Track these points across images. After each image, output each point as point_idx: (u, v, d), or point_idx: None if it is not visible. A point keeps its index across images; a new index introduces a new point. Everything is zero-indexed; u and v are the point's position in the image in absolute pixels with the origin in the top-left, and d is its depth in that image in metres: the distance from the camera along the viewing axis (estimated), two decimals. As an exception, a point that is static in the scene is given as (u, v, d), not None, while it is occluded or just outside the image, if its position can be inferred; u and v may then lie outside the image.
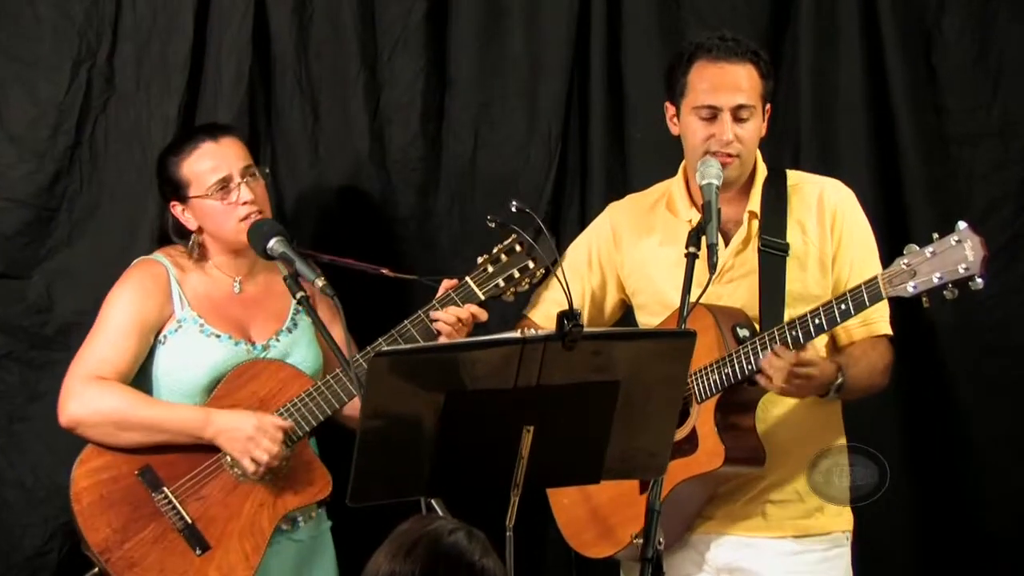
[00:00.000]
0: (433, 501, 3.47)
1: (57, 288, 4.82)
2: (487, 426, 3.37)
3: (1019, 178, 4.95)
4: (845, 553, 4.26)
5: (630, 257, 4.35)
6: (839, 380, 4.04)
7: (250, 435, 4.23)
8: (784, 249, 4.18)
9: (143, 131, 4.87)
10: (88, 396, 4.26)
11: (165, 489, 4.25)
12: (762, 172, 4.28)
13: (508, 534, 3.40)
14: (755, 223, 4.22)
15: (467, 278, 4.38)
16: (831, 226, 4.21)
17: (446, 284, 4.39)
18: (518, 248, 4.38)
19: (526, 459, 3.38)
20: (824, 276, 4.20)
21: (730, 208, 4.23)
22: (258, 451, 4.23)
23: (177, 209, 4.40)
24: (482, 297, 4.37)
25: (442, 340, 4.32)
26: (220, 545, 4.26)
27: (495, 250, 4.39)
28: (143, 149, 4.85)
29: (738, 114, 4.15)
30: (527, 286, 4.42)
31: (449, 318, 4.32)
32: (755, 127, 4.18)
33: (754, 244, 4.20)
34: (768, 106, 4.24)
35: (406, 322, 4.35)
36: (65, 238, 4.83)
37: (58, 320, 4.81)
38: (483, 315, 4.37)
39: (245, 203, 4.32)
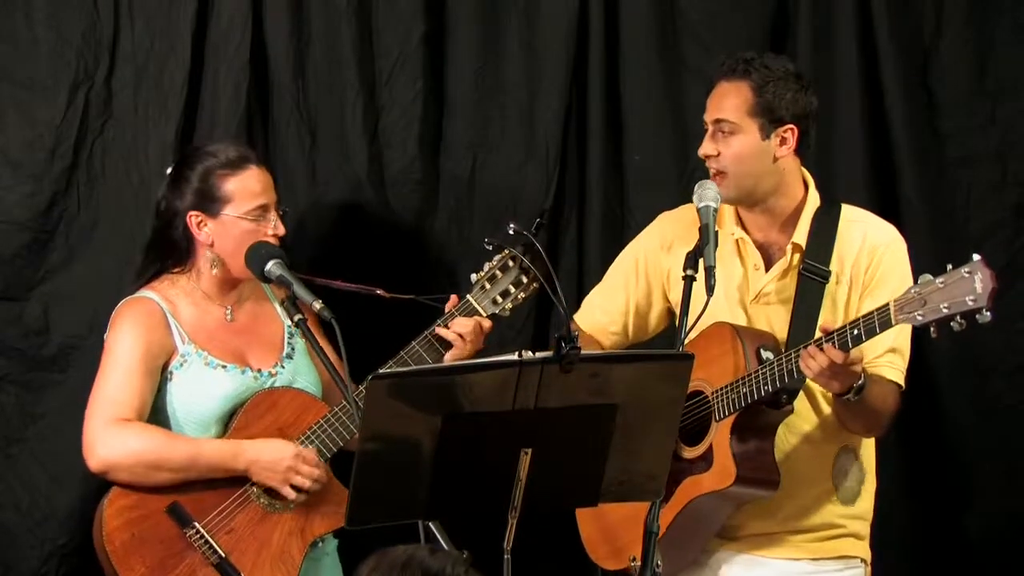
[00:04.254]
0: (431, 524, 3.46)
1: (54, 310, 4.81)
2: (485, 449, 3.36)
3: (1017, 200, 4.95)
4: (860, 575, 4.25)
5: (677, 266, 4.30)
6: (861, 381, 3.98)
7: (290, 464, 4.25)
8: (825, 276, 4.15)
9: (140, 154, 4.87)
10: (117, 440, 4.24)
11: (196, 524, 4.23)
12: (813, 202, 4.24)
13: (506, 557, 3.40)
14: (797, 256, 4.19)
15: (468, 296, 4.39)
16: (867, 266, 4.17)
17: (452, 302, 4.41)
18: (511, 263, 4.39)
19: (524, 482, 3.36)
20: (852, 315, 4.14)
21: (776, 234, 4.23)
22: (299, 478, 4.26)
23: (194, 219, 4.37)
24: (483, 314, 4.39)
25: (452, 352, 4.35)
26: None
27: (488, 267, 4.41)
28: (140, 172, 4.86)
29: (719, 128, 4.15)
30: (522, 300, 4.44)
31: (461, 329, 4.34)
32: (740, 144, 4.14)
33: (794, 274, 4.18)
34: (790, 127, 4.16)
35: (414, 343, 4.37)
36: (62, 260, 4.83)
37: (55, 343, 4.81)
38: (487, 323, 4.39)
39: (276, 236, 4.33)
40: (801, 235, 4.20)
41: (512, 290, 4.40)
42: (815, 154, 4.94)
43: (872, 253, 4.18)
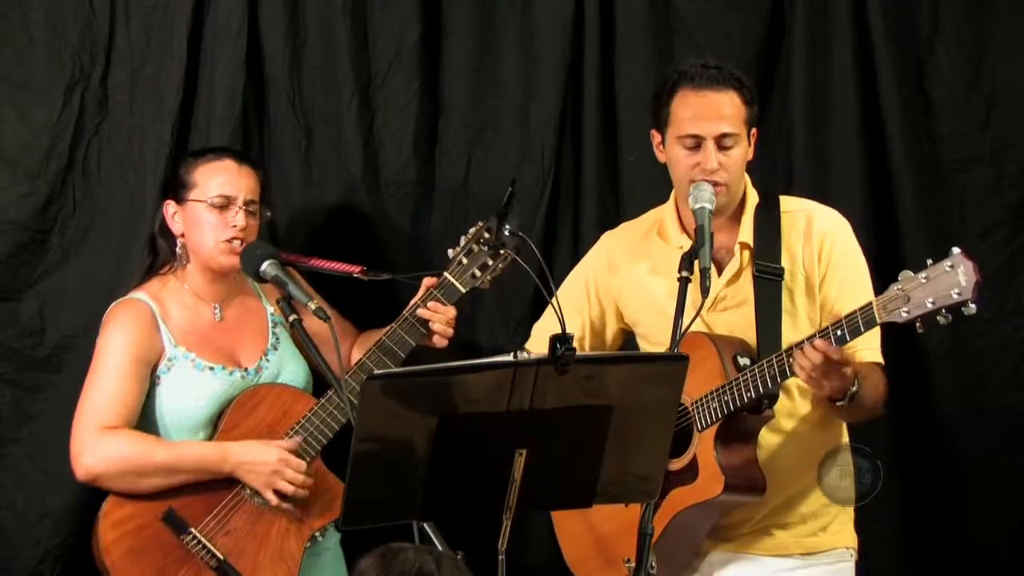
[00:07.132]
0: (425, 524, 3.46)
1: (50, 310, 4.81)
2: (480, 449, 3.36)
3: (1012, 203, 4.95)
4: (850, 568, 4.25)
5: (626, 285, 4.34)
6: (855, 388, 3.98)
7: (274, 468, 4.26)
8: (779, 274, 4.16)
9: (136, 154, 4.87)
10: (102, 448, 4.24)
11: (192, 530, 4.24)
12: (753, 199, 4.26)
13: (500, 558, 3.41)
14: (747, 253, 4.20)
15: (445, 273, 4.40)
16: (819, 253, 4.17)
17: (427, 282, 4.42)
18: (487, 235, 4.39)
19: (519, 483, 3.37)
20: (812, 303, 4.17)
21: (722, 236, 4.21)
22: (282, 483, 4.26)
23: (169, 208, 4.41)
24: (463, 290, 4.40)
25: (435, 338, 4.37)
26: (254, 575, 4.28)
27: (464, 241, 4.42)
28: (136, 172, 4.86)
29: (722, 142, 4.11)
30: (500, 271, 4.43)
31: (443, 317, 4.36)
32: (740, 154, 4.15)
33: (747, 274, 4.18)
34: (754, 131, 4.20)
35: (394, 325, 4.38)
36: (58, 260, 4.83)
37: (50, 342, 4.81)
38: (452, 311, 4.40)
39: (235, 227, 4.33)
40: (747, 234, 4.21)
41: (490, 262, 4.40)
42: (811, 156, 4.96)
43: (820, 241, 4.18)
